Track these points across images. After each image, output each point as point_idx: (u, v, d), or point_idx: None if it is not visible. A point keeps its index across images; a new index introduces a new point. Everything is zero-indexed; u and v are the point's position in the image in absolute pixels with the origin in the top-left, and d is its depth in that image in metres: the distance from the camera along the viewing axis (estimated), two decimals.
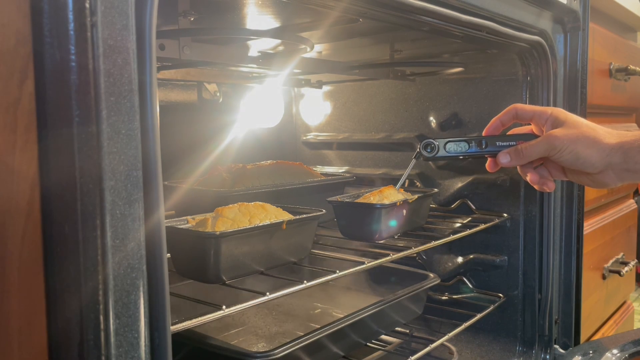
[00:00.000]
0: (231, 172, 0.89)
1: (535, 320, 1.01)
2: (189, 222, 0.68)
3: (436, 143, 0.73)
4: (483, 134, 0.75)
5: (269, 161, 0.96)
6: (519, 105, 0.74)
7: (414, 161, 0.74)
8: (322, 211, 0.73)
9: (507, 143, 0.72)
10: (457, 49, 1.02)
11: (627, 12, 1.37)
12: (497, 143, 0.72)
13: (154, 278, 0.42)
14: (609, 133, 0.69)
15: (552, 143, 0.68)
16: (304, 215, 0.70)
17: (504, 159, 0.71)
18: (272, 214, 0.68)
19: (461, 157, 0.74)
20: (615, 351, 0.81)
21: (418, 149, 0.73)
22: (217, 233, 0.60)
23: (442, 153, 0.73)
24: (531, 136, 0.72)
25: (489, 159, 0.74)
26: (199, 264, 0.61)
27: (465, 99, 1.07)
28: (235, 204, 0.67)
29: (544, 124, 0.71)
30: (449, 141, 0.73)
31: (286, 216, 0.69)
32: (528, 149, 0.70)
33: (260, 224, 0.64)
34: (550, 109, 0.72)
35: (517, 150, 0.71)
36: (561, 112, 0.71)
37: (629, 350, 0.83)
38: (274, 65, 0.92)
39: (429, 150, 0.73)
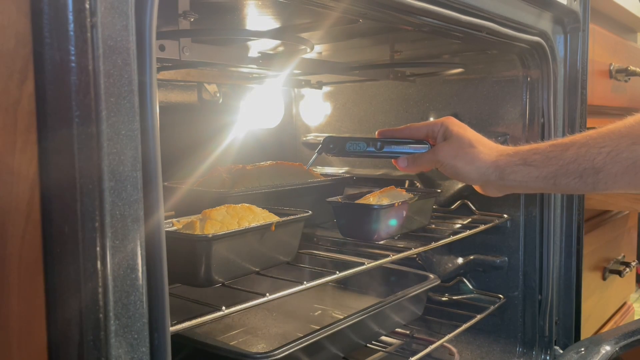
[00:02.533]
0: (231, 173, 0.89)
1: (535, 321, 1.01)
2: (174, 225, 0.68)
3: (338, 140, 0.78)
4: (377, 135, 0.80)
5: (269, 162, 0.96)
6: (413, 125, 0.78)
7: (316, 155, 0.79)
8: (308, 212, 0.73)
9: (401, 149, 0.77)
10: (457, 49, 1.02)
11: (627, 13, 1.38)
12: (393, 147, 0.77)
13: (154, 279, 0.42)
14: (489, 149, 0.72)
15: (436, 157, 0.73)
16: (292, 217, 0.70)
17: (402, 163, 0.76)
18: (260, 216, 0.68)
19: (362, 156, 0.78)
20: (606, 346, 0.81)
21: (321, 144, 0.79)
22: (210, 236, 0.59)
23: (341, 150, 0.78)
24: (424, 142, 0.77)
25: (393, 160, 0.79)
26: (189, 267, 0.61)
27: (465, 99, 1.07)
28: (223, 206, 0.67)
29: (437, 137, 0.75)
30: (350, 140, 0.78)
31: (273, 218, 0.69)
32: (420, 160, 0.75)
33: (251, 226, 0.64)
34: (441, 121, 0.75)
35: (413, 159, 0.76)
36: (451, 124, 0.74)
37: (620, 343, 0.83)
38: (274, 65, 0.92)
39: (331, 147, 0.78)
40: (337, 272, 0.71)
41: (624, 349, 0.83)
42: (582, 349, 0.81)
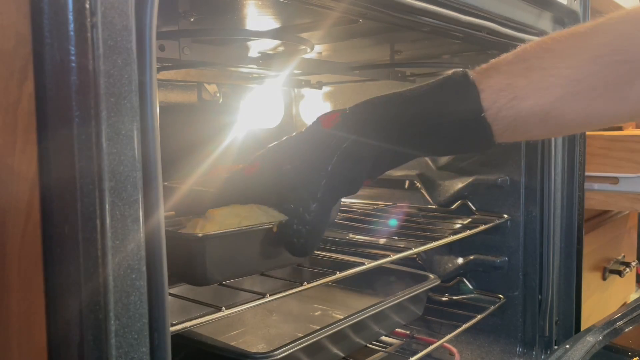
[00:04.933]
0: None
1: (535, 321, 1.01)
2: (182, 223, 0.68)
3: None
4: None
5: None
6: None
7: None
8: None
9: None
10: (457, 49, 1.02)
11: None
12: None
13: (154, 279, 0.42)
14: None
15: None
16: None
17: None
18: (270, 216, 0.67)
19: None
20: (589, 337, 0.81)
21: None
22: (200, 235, 0.59)
23: None
24: None
25: None
26: (186, 266, 0.61)
27: None
28: (229, 206, 0.67)
29: None
30: None
31: (282, 218, 0.68)
32: None
33: (244, 228, 0.63)
34: None
35: None
36: None
37: (603, 332, 0.83)
38: (274, 66, 0.92)
39: None
40: (337, 272, 0.71)
41: (611, 336, 0.82)
42: (567, 345, 0.81)
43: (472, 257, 1.06)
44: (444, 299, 1.08)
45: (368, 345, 0.84)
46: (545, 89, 0.48)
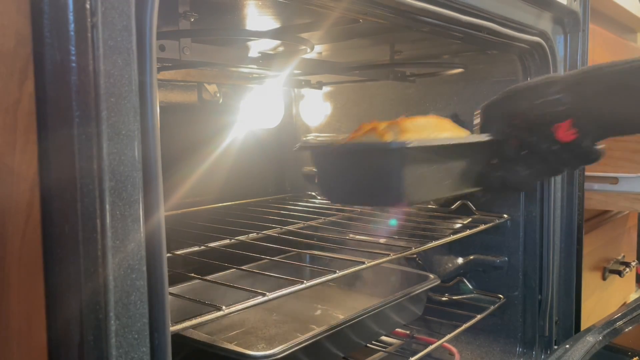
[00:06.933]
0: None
1: (535, 321, 1.01)
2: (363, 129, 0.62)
3: None
4: None
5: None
6: None
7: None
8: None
9: None
10: (457, 49, 1.02)
11: (627, 13, 1.38)
12: None
13: (154, 279, 0.42)
14: None
15: None
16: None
17: None
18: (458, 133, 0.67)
19: None
20: (589, 337, 0.81)
21: None
22: (405, 143, 0.52)
23: None
24: None
25: None
26: (379, 183, 0.54)
27: (465, 99, 1.07)
28: (421, 117, 0.63)
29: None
30: None
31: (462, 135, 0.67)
32: None
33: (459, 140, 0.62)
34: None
35: None
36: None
37: (603, 332, 0.83)
38: (274, 66, 0.92)
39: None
40: (337, 271, 0.71)
41: (611, 336, 0.83)
42: (567, 345, 0.81)
43: (472, 257, 1.06)
44: (444, 299, 1.08)
45: (368, 345, 0.84)
46: None
